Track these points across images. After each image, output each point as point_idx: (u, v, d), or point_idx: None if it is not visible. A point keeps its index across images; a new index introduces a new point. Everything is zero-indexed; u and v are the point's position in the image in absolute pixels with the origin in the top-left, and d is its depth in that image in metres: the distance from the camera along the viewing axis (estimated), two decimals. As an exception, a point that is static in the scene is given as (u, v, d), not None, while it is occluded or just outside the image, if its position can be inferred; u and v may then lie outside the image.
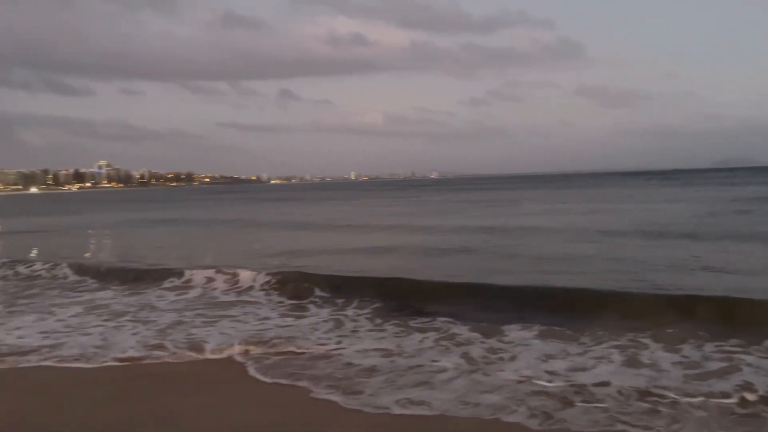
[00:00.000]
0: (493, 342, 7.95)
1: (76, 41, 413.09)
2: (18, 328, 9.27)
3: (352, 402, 6.03)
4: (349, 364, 7.20)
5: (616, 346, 7.63)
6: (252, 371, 6.98)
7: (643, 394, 6.06)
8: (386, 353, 7.61)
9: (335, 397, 6.16)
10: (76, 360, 7.53)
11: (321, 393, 6.27)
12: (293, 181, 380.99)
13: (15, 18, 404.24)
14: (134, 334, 8.66)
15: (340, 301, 10.27)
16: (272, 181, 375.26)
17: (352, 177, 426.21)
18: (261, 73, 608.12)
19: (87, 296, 11.98)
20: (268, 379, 6.71)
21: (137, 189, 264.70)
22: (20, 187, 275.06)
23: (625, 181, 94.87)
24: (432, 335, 8.34)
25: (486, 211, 35.99)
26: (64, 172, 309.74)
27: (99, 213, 49.15)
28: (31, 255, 18.61)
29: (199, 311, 10.19)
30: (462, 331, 8.48)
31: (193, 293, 11.57)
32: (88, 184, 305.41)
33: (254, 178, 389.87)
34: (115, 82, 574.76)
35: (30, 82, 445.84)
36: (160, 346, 7.97)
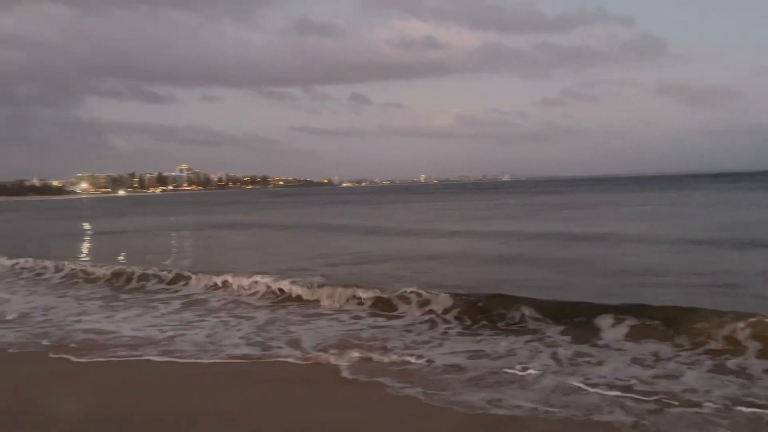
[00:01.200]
0: (584, 346, 7.94)
1: (161, 51, 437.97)
2: (126, 320, 10.06)
3: (437, 400, 6.17)
4: (438, 364, 7.38)
5: (707, 351, 7.50)
6: (344, 371, 7.23)
7: (740, 402, 5.92)
8: (474, 354, 7.76)
9: (421, 396, 6.32)
10: (191, 355, 8.10)
11: (408, 391, 6.45)
12: (363, 184, 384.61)
13: (106, 31, 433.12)
14: (237, 330, 9.22)
15: (429, 305, 10.24)
16: (343, 184, 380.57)
17: (422, 180, 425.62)
18: (334, 77, 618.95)
19: (183, 291, 12.76)
20: (358, 378, 6.94)
21: (215, 191, 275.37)
22: (109, 189, 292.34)
23: (711, 184, 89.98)
24: (522, 338, 8.41)
25: (563, 215, 35.15)
26: (148, 175, 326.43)
27: (180, 215, 51.48)
28: (124, 254, 19.90)
29: (291, 309, 10.64)
30: (553, 333, 8.51)
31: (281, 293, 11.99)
32: (170, 187, 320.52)
33: (326, 181, 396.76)
34: (196, 89, 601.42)
35: (120, 91, 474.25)
36: (261, 344, 8.44)
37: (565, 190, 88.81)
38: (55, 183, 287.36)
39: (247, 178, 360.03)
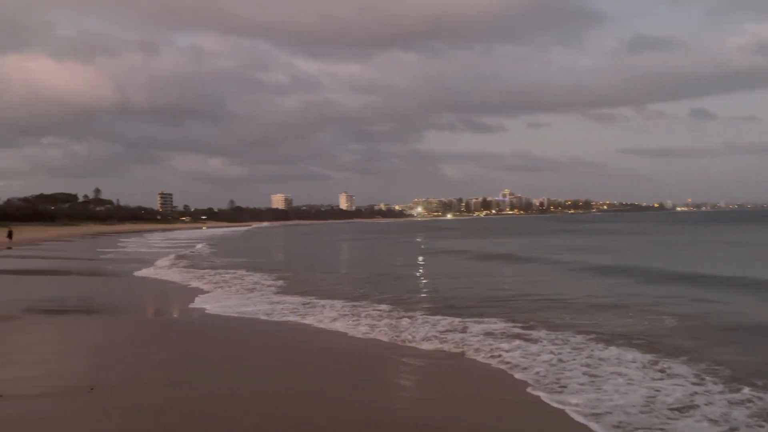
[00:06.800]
0: None
1: (491, 84, 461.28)
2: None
3: None
4: None
5: None
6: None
7: None
8: None
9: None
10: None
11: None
12: (703, 209, 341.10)
13: (446, 71, 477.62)
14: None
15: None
16: (678, 208, 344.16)
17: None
18: (670, 94, 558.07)
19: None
20: None
21: (536, 216, 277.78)
22: (439, 213, 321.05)
23: None
24: None
25: None
26: (474, 200, 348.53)
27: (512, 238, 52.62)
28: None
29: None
30: None
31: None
32: (493, 211, 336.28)
33: (657, 205, 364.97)
34: (522, 117, 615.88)
35: (453, 124, 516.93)
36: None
37: None
38: (396, 207, 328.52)
39: (568, 202, 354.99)
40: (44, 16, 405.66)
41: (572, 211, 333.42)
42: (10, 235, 54.01)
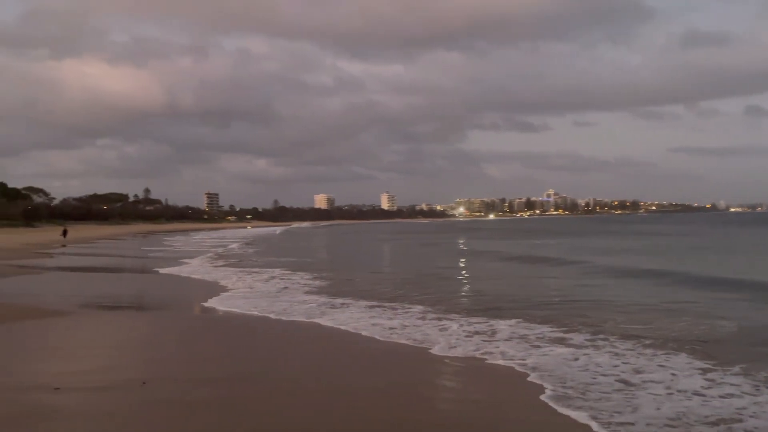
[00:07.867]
0: None
1: (537, 83, 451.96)
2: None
3: None
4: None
5: None
6: None
7: None
8: None
9: None
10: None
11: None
12: (758, 209, 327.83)
13: (490, 71, 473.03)
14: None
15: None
16: (731, 209, 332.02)
17: None
18: (725, 90, 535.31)
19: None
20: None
21: (581, 217, 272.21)
22: (482, 213, 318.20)
23: None
24: None
25: None
26: (517, 200, 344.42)
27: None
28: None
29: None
30: None
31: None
32: (537, 212, 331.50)
33: (708, 206, 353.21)
34: (569, 116, 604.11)
35: (498, 124, 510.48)
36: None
37: None
38: (438, 207, 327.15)
39: (615, 203, 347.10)
40: (99, 23, 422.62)
41: (619, 212, 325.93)
42: (64, 234, 56.35)
